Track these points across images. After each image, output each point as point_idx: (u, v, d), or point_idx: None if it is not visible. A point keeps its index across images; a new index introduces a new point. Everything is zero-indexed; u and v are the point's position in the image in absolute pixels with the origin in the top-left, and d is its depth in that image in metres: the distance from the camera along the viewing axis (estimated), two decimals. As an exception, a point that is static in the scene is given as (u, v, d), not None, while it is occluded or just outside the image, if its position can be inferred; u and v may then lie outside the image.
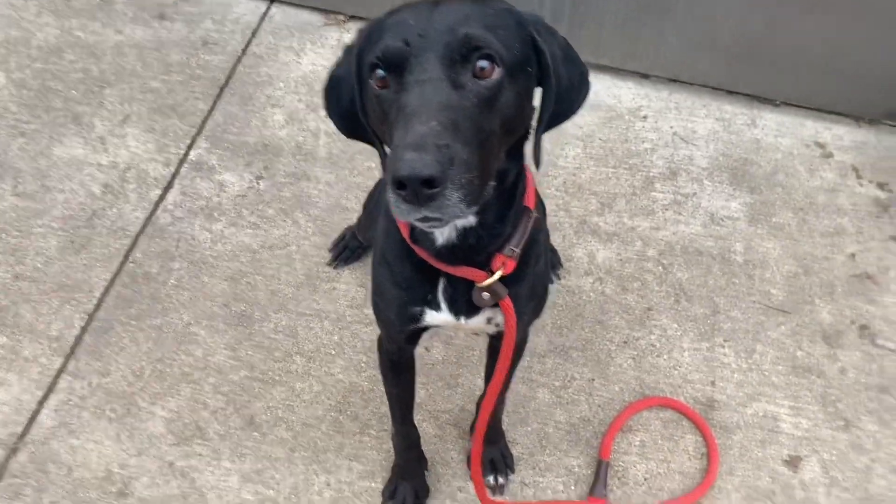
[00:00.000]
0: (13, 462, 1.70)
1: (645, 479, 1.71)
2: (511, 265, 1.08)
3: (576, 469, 1.72)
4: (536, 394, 1.81)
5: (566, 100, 0.99)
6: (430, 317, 1.18)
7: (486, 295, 1.09)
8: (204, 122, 2.29)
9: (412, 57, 0.86)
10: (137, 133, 2.27)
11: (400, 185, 0.78)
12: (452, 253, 1.06)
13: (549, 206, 2.06)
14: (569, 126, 2.28)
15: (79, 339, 1.89)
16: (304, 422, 1.76)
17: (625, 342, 1.89)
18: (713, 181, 2.18)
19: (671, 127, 2.30)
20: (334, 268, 2.00)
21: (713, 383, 1.83)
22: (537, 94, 0.99)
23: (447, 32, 0.87)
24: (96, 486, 1.69)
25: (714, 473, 1.69)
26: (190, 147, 2.24)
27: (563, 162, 2.21)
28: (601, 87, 2.39)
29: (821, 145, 2.28)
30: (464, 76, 0.87)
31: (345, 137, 1.08)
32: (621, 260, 2.02)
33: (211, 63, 2.44)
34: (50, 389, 1.81)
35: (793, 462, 1.73)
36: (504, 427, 1.72)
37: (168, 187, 2.16)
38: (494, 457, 1.68)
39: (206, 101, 2.33)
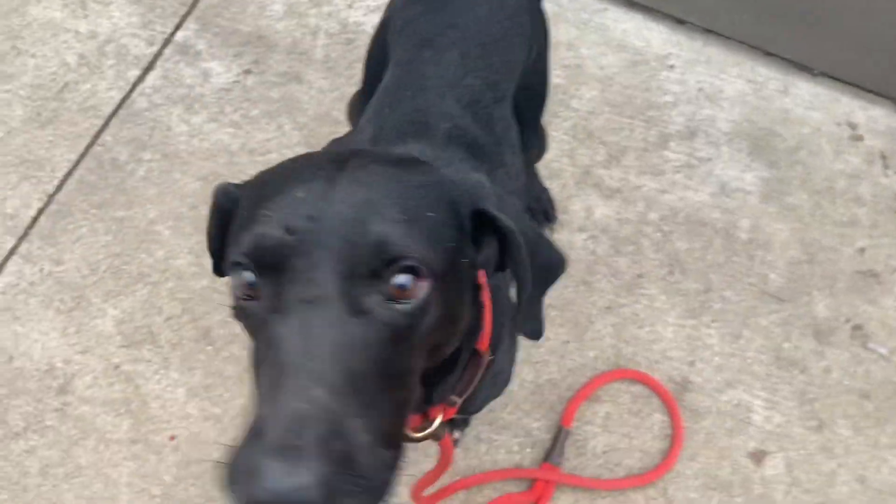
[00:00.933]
0: (-49, 342, 1.62)
1: (603, 453, 1.65)
2: (451, 412, 0.88)
3: (535, 432, 1.65)
4: (507, 347, 1.73)
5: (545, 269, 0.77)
6: None
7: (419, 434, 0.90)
8: (196, 0, 2.10)
9: (297, 256, 0.59)
10: (123, 2, 2.08)
11: None
12: None
13: (553, 152, 1.92)
14: (589, 64, 2.11)
15: (34, 221, 1.77)
16: (261, 343, 1.68)
17: (608, 308, 1.79)
18: (731, 148, 2.03)
19: (698, 82, 2.12)
20: None
21: (692, 364, 1.75)
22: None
23: (350, 224, 0.59)
24: (37, 379, 1.61)
25: (675, 457, 1.63)
26: (178, 27, 2.05)
27: (576, 103, 2.05)
28: (631, 27, 2.19)
29: (852, 126, 2.12)
30: (370, 298, 0.60)
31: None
32: (620, 220, 1.89)
33: (212, -65, 2.21)
34: (-3, 271, 1.71)
35: (757, 456, 1.67)
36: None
37: (149, 68, 1.99)
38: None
39: (202, -22, 2.13)
